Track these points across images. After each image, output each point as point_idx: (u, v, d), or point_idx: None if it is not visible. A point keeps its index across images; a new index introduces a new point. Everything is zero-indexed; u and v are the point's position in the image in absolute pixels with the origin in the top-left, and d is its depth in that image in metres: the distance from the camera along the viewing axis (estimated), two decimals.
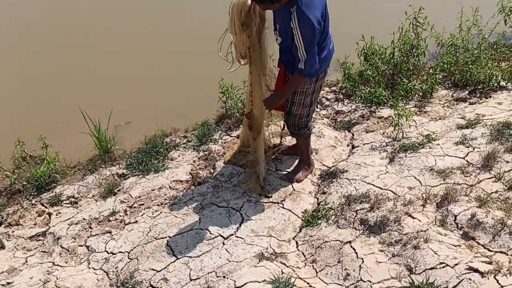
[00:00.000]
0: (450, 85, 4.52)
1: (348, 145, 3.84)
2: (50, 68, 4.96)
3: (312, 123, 3.30)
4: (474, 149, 3.32)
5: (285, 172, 3.46)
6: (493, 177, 3.03)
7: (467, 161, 3.22)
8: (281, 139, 3.70)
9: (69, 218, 3.29)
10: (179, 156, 3.83)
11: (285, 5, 2.57)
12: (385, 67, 4.49)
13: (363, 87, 4.47)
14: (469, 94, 4.29)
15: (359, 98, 4.35)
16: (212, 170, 3.59)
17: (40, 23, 5.67)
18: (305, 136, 3.24)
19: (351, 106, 4.33)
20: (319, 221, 2.99)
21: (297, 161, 3.49)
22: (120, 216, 3.22)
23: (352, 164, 3.45)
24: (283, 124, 3.47)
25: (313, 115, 3.92)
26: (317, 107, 4.34)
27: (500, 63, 4.62)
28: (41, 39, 5.42)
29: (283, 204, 3.17)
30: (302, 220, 3.07)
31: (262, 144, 3.32)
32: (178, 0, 6.03)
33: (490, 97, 4.17)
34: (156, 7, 5.96)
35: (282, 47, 2.89)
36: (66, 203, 3.46)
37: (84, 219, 3.25)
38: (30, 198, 3.52)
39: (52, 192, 3.56)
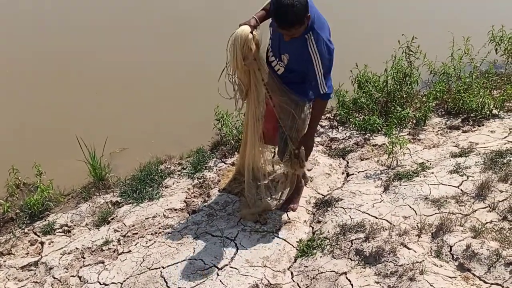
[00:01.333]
0: (443, 113, 4.56)
1: (342, 173, 3.84)
2: (45, 95, 4.97)
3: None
4: (468, 178, 3.33)
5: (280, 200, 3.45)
6: (487, 207, 3.03)
7: (461, 190, 3.24)
8: (273, 166, 3.70)
9: (62, 248, 3.25)
10: (173, 183, 3.82)
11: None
12: (379, 94, 4.54)
13: (357, 115, 4.50)
14: (462, 122, 4.33)
15: (353, 126, 4.38)
16: (206, 198, 3.58)
17: (37, 49, 5.71)
18: (299, 162, 3.23)
19: (345, 134, 4.36)
20: (314, 251, 2.97)
21: (288, 189, 3.48)
22: (113, 245, 3.19)
23: (347, 193, 3.46)
24: (274, 152, 3.48)
25: None
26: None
27: (492, 92, 4.68)
28: (37, 65, 5.45)
29: (278, 234, 3.15)
30: (297, 249, 3.05)
31: (259, 174, 3.31)
32: (172, 30, 6.10)
33: (483, 125, 4.21)
34: (150, 35, 6.02)
35: (285, 76, 2.89)
36: (59, 232, 3.43)
37: (77, 248, 3.21)
38: (23, 227, 3.48)
39: (45, 220, 3.53)
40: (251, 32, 2.68)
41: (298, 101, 2.95)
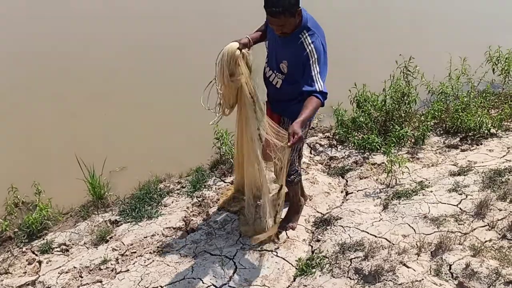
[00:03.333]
0: (441, 132, 4.59)
1: (342, 192, 3.85)
2: (45, 114, 5.00)
3: (301, 169, 3.30)
4: (467, 197, 3.33)
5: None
6: (486, 225, 3.03)
7: (460, 208, 3.23)
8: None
9: (60, 267, 3.22)
10: (172, 202, 3.82)
11: (291, 35, 2.63)
12: (378, 114, 4.57)
13: (356, 134, 4.53)
14: (460, 141, 4.36)
15: (352, 144, 4.40)
16: (205, 217, 3.57)
17: (37, 67, 5.78)
18: (295, 181, 3.24)
19: (344, 152, 4.37)
20: (314, 270, 2.95)
21: (287, 208, 3.47)
22: (111, 264, 3.17)
23: (346, 211, 3.45)
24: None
25: (307, 162, 3.98)
26: (310, 153, 4.38)
27: (489, 111, 4.72)
28: (37, 84, 5.49)
29: (277, 252, 3.14)
30: (296, 268, 3.03)
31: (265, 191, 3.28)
32: (171, 48, 6.16)
33: (481, 144, 4.24)
34: (149, 55, 6.08)
35: (285, 92, 2.88)
36: (57, 251, 3.41)
37: (74, 267, 3.19)
38: (21, 246, 3.47)
39: (44, 239, 3.51)
40: (240, 49, 2.72)
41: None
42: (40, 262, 3.32)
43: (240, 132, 3.09)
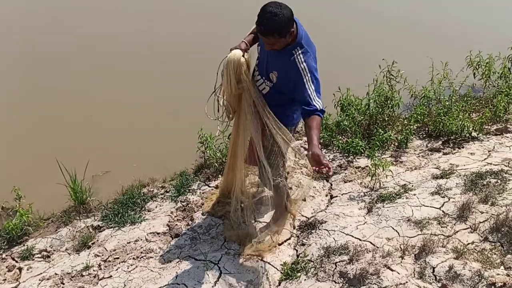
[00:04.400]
0: (424, 136, 4.64)
1: (326, 195, 3.85)
2: (24, 117, 4.92)
3: (286, 173, 3.29)
4: (449, 200, 3.37)
5: (263, 223, 3.43)
6: (468, 228, 3.06)
7: (443, 211, 3.27)
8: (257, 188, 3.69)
9: (41, 273, 3.16)
10: (156, 207, 3.78)
11: (284, 49, 2.62)
12: (361, 117, 4.59)
13: (340, 137, 4.55)
14: (442, 145, 4.41)
15: (337, 148, 4.41)
16: (190, 222, 3.54)
17: (17, 72, 5.69)
18: (282, 185, 3.23)
19: (329, 156, 4.38)
20: (299, 274, 2.95)
21: (273, 212, 3.47)
22: (94, 270, 3.12)
23: (331, 215, 3.46)
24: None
25: (292, 166, 3.98)
26: (295, 157, 4.38)
27: (471, 115, 4.79)
28: (16, 88, 5.41)
29: (261, 257, 3.12)
30: (281, 273, 3.03)
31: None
32: (155, 53, 6.14)
33: (463, 147, 4.29)
34: (132, 59, 6.04)
35: (272, 98, 2.87)
36: (38, 257, 3.34)
37: (56, 274, 3.13)
38: (1, 252, 3.38)
39: (24, 245, 3.44)
40: (243, 56, 2.71)
41: (280, 126, 2.92)
42: (20, 269, 3.24)
43: (236, 135, 3.07)
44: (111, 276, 3.06)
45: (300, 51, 2.62)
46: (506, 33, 5.81)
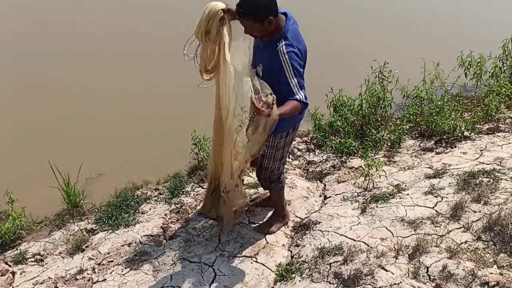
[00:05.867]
0: (417, 135, 4.66)
1: (320, 196, 3.86)
2: (18, 120, 4.88)
3: (284, 176, 3.30)
4: (442, 199, 3.39)
5: (258, 224, 3.44)
6: (462, 227, 3.08)
7: (436, 211, 3.29)
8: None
9: (34, 277, 3.14)
10: (150, 209, 3.77)
11: (270, 40, 2.65)
12: (354, 118, 4.61)
13: (333, 138, 4.56)
14: (435, 144, 4.43)
15: (330, 149, 4.43)
16: (184, 224, 3.53)
17: (9, 72, 5.65)
18: (277, 189, 3.24)
19: (322, 157, 4.40)
20: (293, 275, 2.95)
21: (270, 213, 3.48)
22: (88, 274, 3.10)
23: (324, 215, 3.47)
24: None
25: (285, 166, 3.97)
26: (288, 158, 4.39)
27: (463, 114, 4.82)
28: (9, 89, 5.37)
29: (256, 258, 3.13)
30: (276, 274, 3.03)
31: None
32: (148, 55, 6.12)
33: (455, 147, 4.32)
34: (125, 61, 6.02)
35: None
36: (31, 261, 3.32)
37: (49, 278, 3.11)
38: None
39: (17, 249, 3.41)
40: (224, 11, 2.69)
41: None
42: (13, 273, 3.22)
43: (217, 108, 2.96)
44: (105, 279, 3.05)
45: (283, 43, 2.62)
46: (496, 33, 5.85)
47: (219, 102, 2.90)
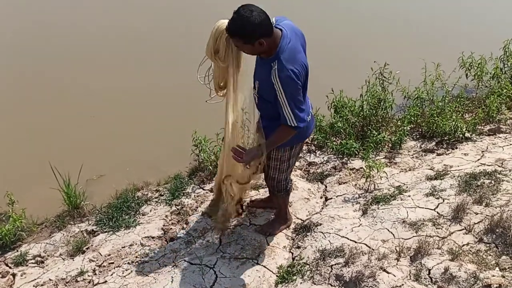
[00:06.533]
0: (418, 136, 4.66)
1: (321, 197, 3.85)
2: (18, 121, 4.87)
3: (291, 185, 3.26)
4: (444, 201, 3.38)
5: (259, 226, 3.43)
6: (463, 229, 3.07)
7: (437, 212, 3.28)
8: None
9: (35, 279, 3.13)
10: (151, 210, 3.76)
11: (266, 59, 2.56)
12: (355, 119, 4.60)
13: (334, 139, 4.55)
14: (436, 145, 4.42)
15: (331, 150, 4.42)
16: (184, 225, 3.53)
17: (9, 73, 5.64)
18: (282, 196, 3.24)
19: (323, 158, 4.39)
20: (294, 277, 2.95)
21: (272, 215, 3.47)
22: (88, 276, 3.10)
23: (326, 217, 3.46)
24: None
25: None
26: None
27: (464, 115, 4.82)
28: (9, 90, 5.36)
29: (257, 260, 3.12)
30: (277, 276, 3.02)
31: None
32: (148, 56, 6.11)
33: (456, 148, 4.31)
34: (125, 61, 6.01)
35: (261, 108, 2.83)
36: (32, 263, 3.31)
37: (50, 279, 3.10)
38: None
39: (17, 251, 3.41)
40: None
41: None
42: (14, 275, 3.21)
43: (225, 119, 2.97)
44: (106, 281, 3.04)
45: (276, 66, 2.47)
46: (497, 33, 5.85)
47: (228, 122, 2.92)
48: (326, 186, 3.96)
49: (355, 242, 3.12)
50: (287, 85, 2.50)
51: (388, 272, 2.80)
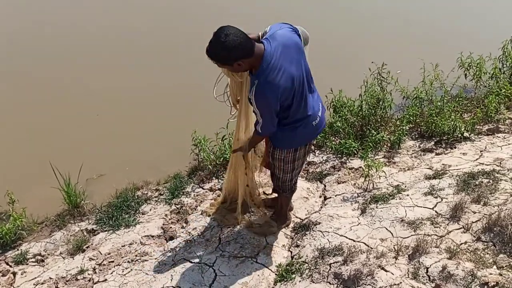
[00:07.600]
0: (416, 136, 4.67)
1: (320, 196, 3.87)
2: (18, 120, 4.89)
3: (296, 186, 3.28)
4: (442, 200, 3.40)
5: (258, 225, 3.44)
6: (461, 228, 3.09)
7: (436, 211, 3.29)
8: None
9: (35, 278, 3.15)
10: (150, 210, 3.78)
11: (251, 76, 2.57)
12: (354, 119, 4.62)
13: (333, 138, 4.57)
14: (435, 145, 4.44)
15: (330, 149, 4.43)
16: (184, 224, 3.54)
17: (10, 73, 5.65)
18: (286, 196, 3.27)
19: (322, 157, 4.41)
20: (293, 276, 2.96)
21: (270, 213, 3.49)
22: (88, 274, 3.11)
23: (324, 216, 3.48)
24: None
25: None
26: None
27: (462, 115, 4.83)
28: (10, 90, 5.38)
29: (256, 259, 3.14)
30: (276, 274, 3.04)
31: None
32: (148, 55, 6.12)
33: (455, 147, 4.33)
34: (126, 61, 6.01)
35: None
36: (32, 262, 3.33)
37: (50, 278, 3.12)
38: None
39: (18, 249, 3.42)
40: None
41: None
42: (14, 274, 3.23)
43: (237, 131, 3.04)
44: (106, 280, 3.06)
45: (254, 87, 2.50)
46: (496, 33, 5.86)
47: (238, 134, 3.03)
48: (325, 186, 3.98)
49: (354, 240, 3.13)
50: (262, 108, 2.57)
51: (386, 271, 2.81)
